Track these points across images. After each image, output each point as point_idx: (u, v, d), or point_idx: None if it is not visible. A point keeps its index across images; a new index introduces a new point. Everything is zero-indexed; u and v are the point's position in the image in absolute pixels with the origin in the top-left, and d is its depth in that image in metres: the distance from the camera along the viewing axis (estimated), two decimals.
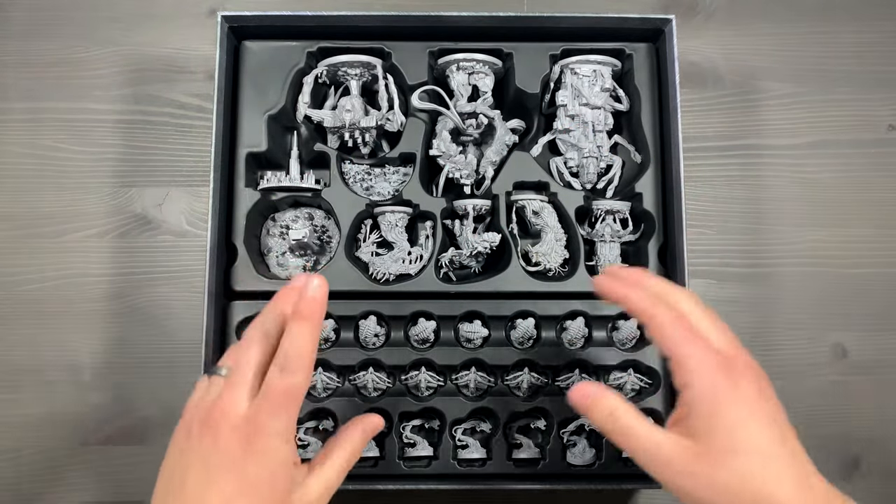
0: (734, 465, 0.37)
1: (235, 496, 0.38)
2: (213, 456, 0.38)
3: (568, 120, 0.65)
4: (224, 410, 0.39)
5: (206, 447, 0.39)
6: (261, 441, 0.39)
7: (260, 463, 0.38)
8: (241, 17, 0.63)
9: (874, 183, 0.71)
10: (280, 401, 0.39)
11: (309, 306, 0.41)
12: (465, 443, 0.62)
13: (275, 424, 0.39)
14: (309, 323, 0.40)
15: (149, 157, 0.71)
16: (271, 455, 0.39)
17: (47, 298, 0.68)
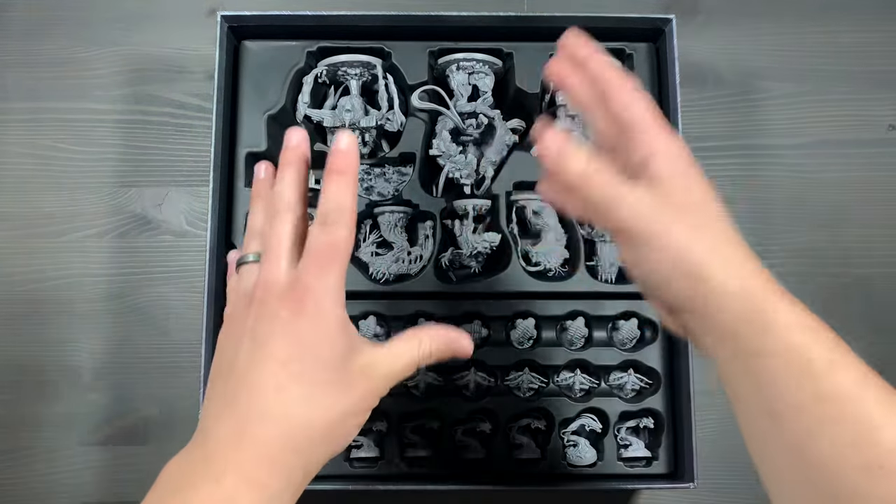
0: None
1: (292, 359, 0.36)
2: (261, 326, 0.36)
3: (568, 120, 0.65)
4: (266, 283, 0.37)
5: (253, 321, 0.37)
6: (311, 301, 0.36)
7: (312, 322, 0.36)
8: (240, 17, 0.63)
9: (874, 183, 0.71)
10: (326, 257, 0.37)
11: (344, 160, 0.39)
12: (466, 443, 0.62)
13: (323, 283, 0.36)
14: (347, 177, 0.39)
15: (148, 157, 0.71)
16: (324, 315, 0.36)
17: (47, 298, 0.68)
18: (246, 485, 0.34)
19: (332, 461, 0.60)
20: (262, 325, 0.36)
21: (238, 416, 0.35)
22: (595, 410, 0.62)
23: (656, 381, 0.62)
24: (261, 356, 0.36)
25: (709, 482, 0.65)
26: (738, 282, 0.35)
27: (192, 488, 0.34)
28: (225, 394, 0.36)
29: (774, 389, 0.34)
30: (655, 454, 0.61)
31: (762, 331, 0.34)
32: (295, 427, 0.35)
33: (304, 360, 0.36)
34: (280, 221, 0.39)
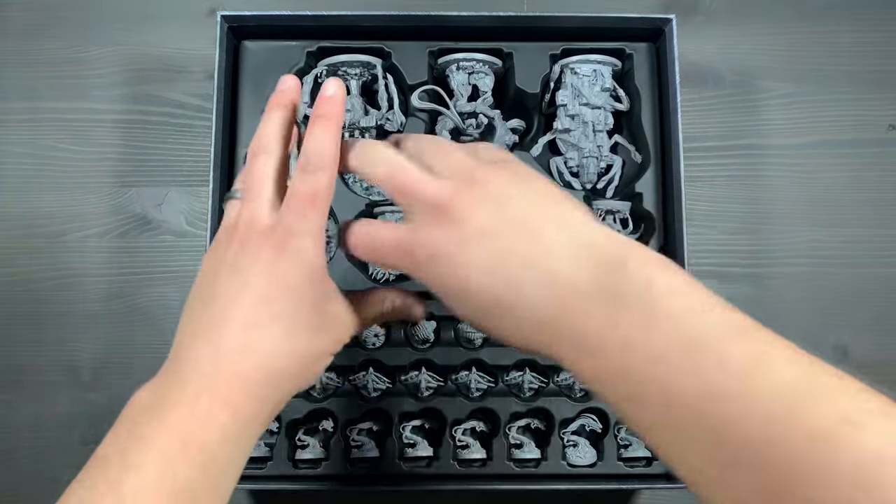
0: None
1: (271, 297, 0.37)
2: (243, 259, 0.37)
3: (568, 120, 0.65)
4: (248, 221, 0.38)
5: (234, 254, 0.38)
6: (292, 242, 0.37)
7: (293, 263, 0.37)
8: (240, 17, 0.63)
9: (874, 183, 0.71)
10: (306, 202, 0.37)
11: (329, 106, 0.40)
12: (465, 443, 0.62)
13: (304, 225, 0.37)
14: (331, 122, 0.39)
15: (148, 157, 0.71)
16: (304, 256, 0.37)
17: (47, 298, 0.68)
18: (221, 406, 0.35)
19: (333, 461, 0.60)
20: (244, 259, 0.37)
21: (216, 344, 0.36)
22: (595, 410, 0.62)
23: None
24: (243, 290, 0.37)
25: None
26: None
27: (166, 408, 0.34)
28: (202, 320, 0.37)
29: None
30: (655, 454, 0.61)
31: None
32: (272, 362, 0.36)
33: (285, 300, 0.37)
34: (258, 162, 0.40)
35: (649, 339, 0.31)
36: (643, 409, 0.32)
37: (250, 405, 0.36)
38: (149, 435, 0.34)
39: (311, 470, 0.61)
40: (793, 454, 0.27)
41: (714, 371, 0.29)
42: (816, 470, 0.26)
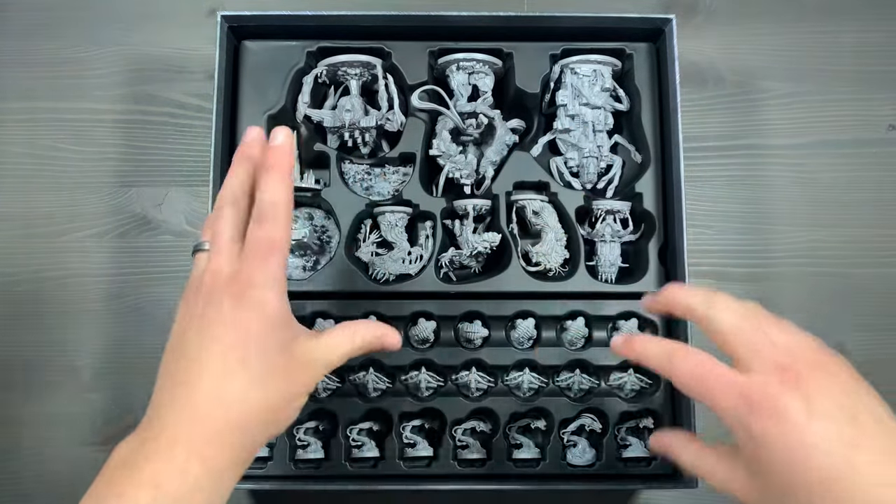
0: (797, 495, 0.35)
1: (234, 346, 0.38)
2: (209, 313, 0.39)
3: (568, 120, 0.65)
4: (213, 273, 0.40)
5: (202, 306, 0.39)
6: (252, 293, 0.39)
7: (254, 313, 0.38)
8: (240, 17, 0.63)
9: (874, 183, 0.71)
10: (263, 252, 0.39)
11: (277, 156, 0.41)
12: (465, 443, 0.62)
13: (262, 275, 0.39)
14: (279, 172, 0.41)
15: (148, 157, 0.71)
16: (265, 305, 0.39)
17: (47, 298, 0.68)
18: (196, 458, 0.36)
19: (332, 461, 0.60)
20: (210, 311, 0.39)
21: (187, 396, 0.37)
22: (595, 410, 0.62)
23: (656, 381, 0.62)
24: (209, 341, 0.38)
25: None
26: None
27: (143, 462, 0.36)
28: (174, 373, 0.39)
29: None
30: (655, 454, 0.61)
31: None
32: (241, 409, 0.38)
33: (249, 348, 0.38)
34: (223, 213, 0.42)
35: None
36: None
37: (222, 455, 0.37)
38: (126, 490, 0.35)
39: (311, 470, 0.61)
40: None
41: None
42: None
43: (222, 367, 0.38)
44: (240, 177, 0.43)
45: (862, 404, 0.36)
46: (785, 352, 0.38)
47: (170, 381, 0.39)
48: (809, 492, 0.34)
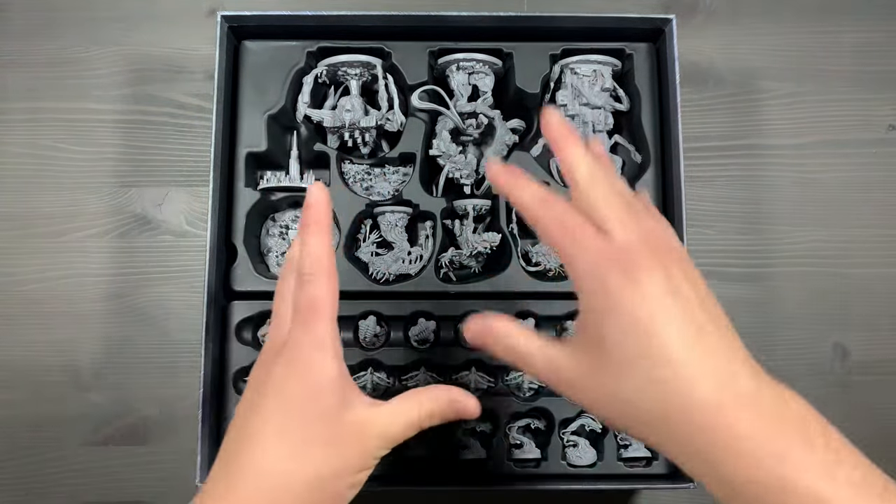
0: (635, 376, 0.32)
1: (274, 413, 0.36)
2: (263, 385, 0.38)
3: (568, 120, 0.65)
4: (270, 341, 0.40)
5: (260, 380, 0.38)
6: (300, 357, 0.37)
7: (300, 378, 0.37)
8: (240, 17, 0.63)
9: (874, 183, 0.71)
10: (309, 312, 0.37)
11: (313, 214, 0.40)
12: (466, 443, 0.62)
13: (310, 337, 0.37)
14: (316, 227, 0.39)
15: (149, 157, 0.71)
16: (312, 369, 0.37)
17: (47, 298, 0.68)
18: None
19: None
20: (264, 386, 0.38)
21: (228, 470, 0.36)
22: None
23: None
24: (255, 412, 0.37)
25: None
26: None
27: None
28: (227, 448, 0.38)
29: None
30: (655, 454, 0.61)
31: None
32: (276, 482, 0.35)
33: (290, 415, 0.36)
34: (282, 283, 0.42)
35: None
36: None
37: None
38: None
39: None
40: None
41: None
42: None
43: (261, 439, 0.36)
44: (305, 244, 0.40)
45: (710, 298, 0.35)
46: (650, 230, 0.36)
47: (224, 453, 0.38)
48: (649, 365, 0.32)
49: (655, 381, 0.32)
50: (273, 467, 0.36)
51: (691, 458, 0.33)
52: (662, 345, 0.32)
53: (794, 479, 0.30)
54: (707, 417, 0.31)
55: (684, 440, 0.32)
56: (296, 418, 0.36)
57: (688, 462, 0.33)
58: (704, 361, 0.32)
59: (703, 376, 0.32)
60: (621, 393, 0.33)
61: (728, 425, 0.31)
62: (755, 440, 0.31)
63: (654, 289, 0.33)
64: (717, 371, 0.32)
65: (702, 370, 0.32)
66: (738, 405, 0.31)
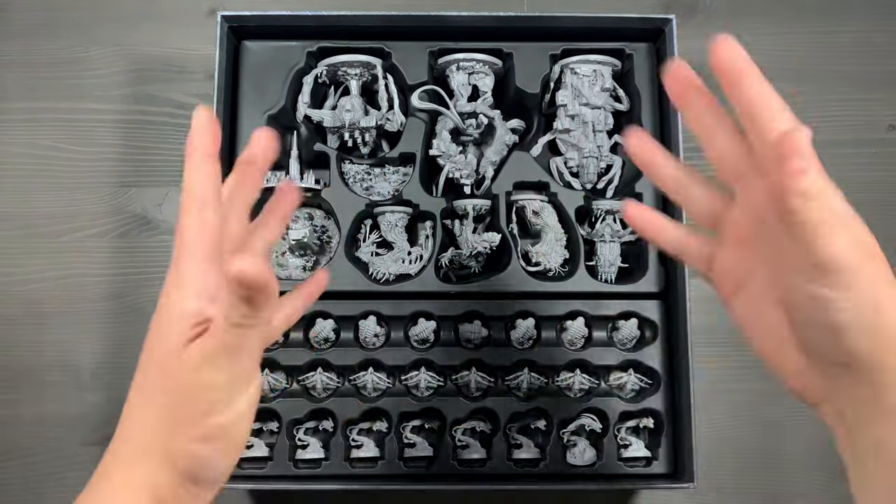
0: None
1: (142, 351, 0.38)
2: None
3: (568, 120, 0.65)
4: None
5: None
6: (162, 295, 0.39)
7: (157, 317, 0.39)
8: (240, 17, 0.63)
9: (874, 183, 0.71)
10: (176, 248, 0.36)
11: (192, 140, 0.35)
12: (465, 443, 0.62)
13: (172, 277, 0.38)
14: (192, 157, 0.35)
15: (149, 157, 0.71)
16: (165, 306, 0.38)
17: (47, 298, 0.68)
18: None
19: (333, 461, 0.60)
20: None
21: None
22: (595, 410, 0.62)
23: (656, 381, 0.62)
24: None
25: (709, 482, 0.65)
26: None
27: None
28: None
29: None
30: (655, 454, 0.61)
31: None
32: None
33: (146, 353, 0.38)
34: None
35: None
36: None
37: None
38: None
39: (311, 470, 0.61)
40: None
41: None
42: None
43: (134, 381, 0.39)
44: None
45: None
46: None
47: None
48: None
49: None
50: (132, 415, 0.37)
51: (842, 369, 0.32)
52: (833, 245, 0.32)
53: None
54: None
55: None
56: (146, 360, 0.37)
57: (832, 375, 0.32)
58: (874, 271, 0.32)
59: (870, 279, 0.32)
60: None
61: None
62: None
63: (834, 200, 0.34)
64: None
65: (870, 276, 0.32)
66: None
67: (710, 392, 0.66)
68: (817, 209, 0.31)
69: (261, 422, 0.61)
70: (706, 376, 0.62)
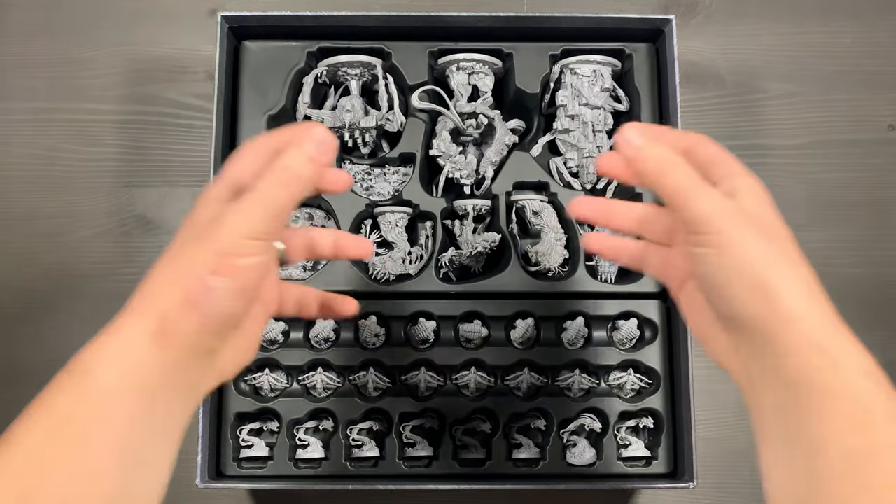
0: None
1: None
2: None
3: (568, 120, 0.65)
4: None
5: None
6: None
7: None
8: (241, 17, 0.63)
9: (874, 183, 0.71)
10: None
11: (324, 148, 0.36)
12: (465, 443, 0.62)
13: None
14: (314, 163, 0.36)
15: (149, 157, 0.71)
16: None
17: (47, 298, 0.68)
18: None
19: (333, 461, 0.60)
20: None
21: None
22: (595, 410, 0.62)
23: (656, 381, 0.62)
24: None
25: (708, 482, 0.65)
26: (806, 305, 0.33)
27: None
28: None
29: (824, 430, 0.32)
30: (655, 454, 0.61)
31: (828, 366, 0.32)
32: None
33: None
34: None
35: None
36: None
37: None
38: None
39: (311, 470, 0.61)
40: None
41: None
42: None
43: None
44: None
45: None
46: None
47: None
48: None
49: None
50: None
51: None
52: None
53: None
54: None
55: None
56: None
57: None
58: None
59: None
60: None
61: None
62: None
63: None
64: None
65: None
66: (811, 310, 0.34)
67: (710, 392, 0.66)
68: (679, 177, 0.35)
69: (261, 422, 0.62)
70: (706, 376, 0.62)
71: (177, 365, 0.34)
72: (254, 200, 0.34)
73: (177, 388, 0.35)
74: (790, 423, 0.33)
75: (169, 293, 0.34)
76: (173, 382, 0.35)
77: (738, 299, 0.34)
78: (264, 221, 0.34)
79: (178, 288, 0.34)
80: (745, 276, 0.33)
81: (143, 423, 0.34)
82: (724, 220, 0.34)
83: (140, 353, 0.34)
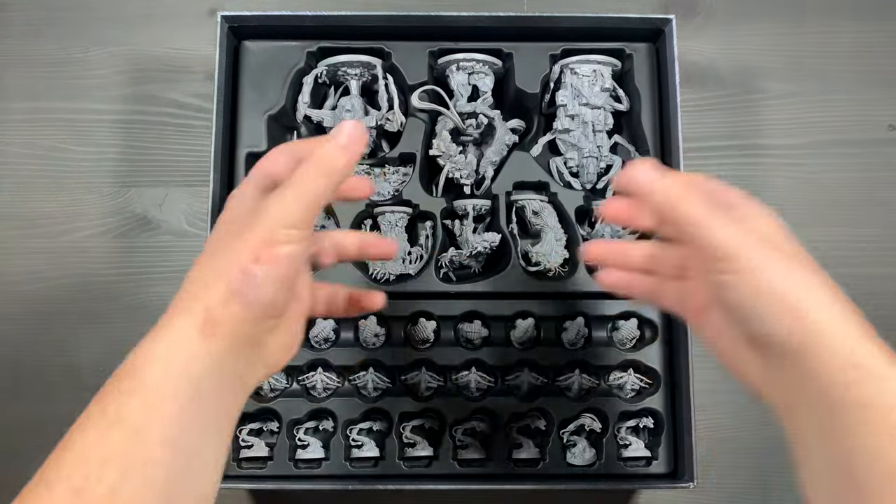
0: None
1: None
2: None
3: (568, 120, 0.65)
4: None
5: None
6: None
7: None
8: (241, 17, 0.63)
9: (874, 183, 0.71)
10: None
11: (354, 144, 0.37)
12: (465, 443, 0.62)
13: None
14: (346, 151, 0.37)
15: (149, 157, 0.71)
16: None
17: (47, 298, 0.68)
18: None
19: (333, 461, 0.60)
20: None
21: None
22: (595, 410, 0.62)
23: (656, 381, 0.62)
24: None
25: (708, 482, 0.65)
26: (836, 318, 0.35)
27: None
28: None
29: (867, 443, 0.32)
30: (655, 454, 0.61)
31: (864, 378, 0.33)
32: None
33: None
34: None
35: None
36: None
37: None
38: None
39: (311, 470, 0.61)
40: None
41: None
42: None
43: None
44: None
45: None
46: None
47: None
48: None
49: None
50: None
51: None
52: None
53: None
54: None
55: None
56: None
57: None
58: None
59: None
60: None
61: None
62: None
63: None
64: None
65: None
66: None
67: (710, 392, 0.66)
68: (693, 206, 0.36)
69: (261, 422, 0.61)
70: (706, 376, 0.62)
71: (224, 356, 0.35)
72: (292, 190, 0.36)
73: (225, 380, 0.35)
74: (832, 440, 0.33)
75: (213, 287, 0.35)
76: (220, 374, 0.35)
77: (769, 318, 0.34)
78: (302, 211, 0.35)
79: (222, 282, 0.35)
80: (773, 297, 0.34)
81: (194, 416, 0.34)
82: (744, 245, 0.35)
83: (188, 347, 0.34)
